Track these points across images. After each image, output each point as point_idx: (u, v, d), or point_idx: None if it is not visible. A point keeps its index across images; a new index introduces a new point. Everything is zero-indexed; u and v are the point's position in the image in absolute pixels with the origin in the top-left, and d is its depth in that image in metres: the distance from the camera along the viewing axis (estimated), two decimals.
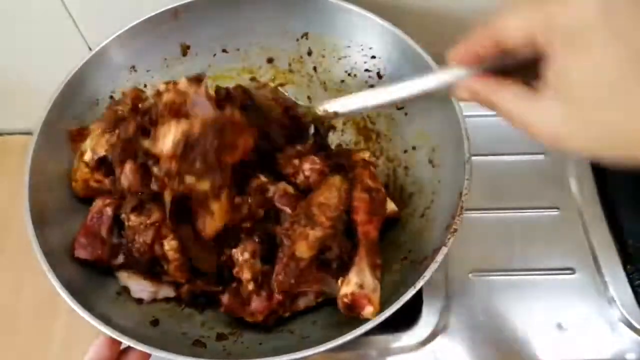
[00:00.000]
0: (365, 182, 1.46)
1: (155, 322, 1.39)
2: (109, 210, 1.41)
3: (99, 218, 1.41)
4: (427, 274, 1.26)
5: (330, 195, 1.40)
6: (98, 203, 1.43)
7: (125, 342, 1.21)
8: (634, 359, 1.58)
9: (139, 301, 1.44)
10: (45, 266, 1.26)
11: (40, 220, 1.34)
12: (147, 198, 1.36)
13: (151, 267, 1.41)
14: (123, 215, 1.38)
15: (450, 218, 1.35)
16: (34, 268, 1.27)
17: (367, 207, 1.43)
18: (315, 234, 1.33)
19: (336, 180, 1.43)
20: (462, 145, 1.40)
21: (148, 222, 1.35)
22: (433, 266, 1.27)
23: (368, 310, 1.30)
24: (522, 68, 1.00)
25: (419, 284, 1.25)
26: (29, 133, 1.43)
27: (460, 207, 1.33)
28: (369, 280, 1.35)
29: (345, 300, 1.32)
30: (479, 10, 1.73)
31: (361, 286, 1.33)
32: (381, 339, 1.61)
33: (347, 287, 1.33)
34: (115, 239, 1.41)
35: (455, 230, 1.31)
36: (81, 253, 1.39)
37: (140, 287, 1.44)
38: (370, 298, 1.31)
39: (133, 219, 1.36)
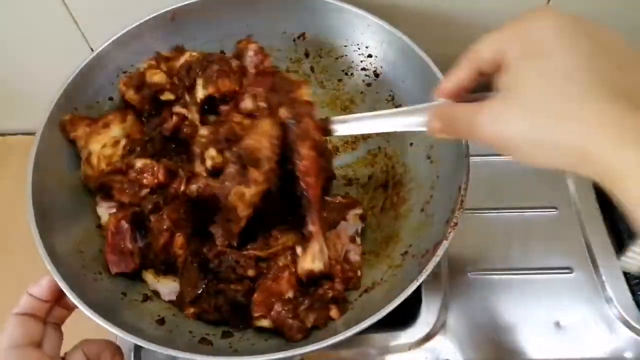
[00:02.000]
0: (312, 136, 1.33)
1: (161, 321, 1.39)
2: (124, 224, 1.45)
3: (118, 233, 1.45)
4: (429, 268, 1.26)
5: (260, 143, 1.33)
6: (112, 220, 1.46)
7: (132, 340, 1.21)
8: (631, 357, 1.58)
9: (146, 298, 1.45)
10: (49, 266, 1.26)
11: (43, 221, 1.35)
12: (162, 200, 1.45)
13: (168, 263, 1.46)
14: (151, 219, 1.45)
15: (450, 212, 1.35)
16: (36, 268, 1.27)
17: (316, 167, 1.33)
18: (250, 191, 1.32)
19: (266, 124, 1.35)
20: (460, 141, 1.40)
21: (165, 222, 1.43)
22: (434, 260, 1.27)
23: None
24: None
25: (421, 277, 1.25)
26: (31, 133, 1.44)
27: (461, 201, 1.34)
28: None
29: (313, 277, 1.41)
30: (474, 8, 1.75)
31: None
32: (380, 337, 1.61)
33: (312, 265, 1.39)
34: (140, 243, 1.45)
35: (456, 224, 1.31)
36: (115, 269, 1.44)
37: (168, 290, 1.47)
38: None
39: (152, 220, 1.44)
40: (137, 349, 1.61)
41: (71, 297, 1.23)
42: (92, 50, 1.59)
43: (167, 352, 1.21)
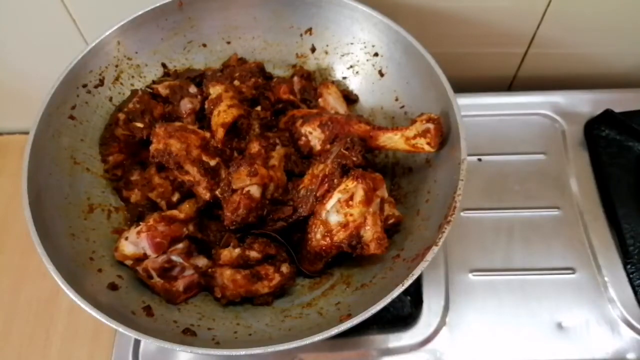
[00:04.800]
0: None
1: (147, 309, 1.41)
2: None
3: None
4: (416, 273, 1.27)
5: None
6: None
7: (114, 327, 1.23)
8: (634, 358, 1.58)
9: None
10: (48, 265, 1.28)
11: (40, 218, 1.36)
12: None
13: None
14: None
15: (443, 218, 1.35)
16: (34, 268, 1.29)
17: None
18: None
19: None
20: (458, 146, 1.40)
21: None
22: (423, 265, 1.27)
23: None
24: None
25: (407, 282, 1.26)
26: (28, 133, 1.43)
27: (453, 207, 1.34)
28: None
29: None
30: (474, 6, 1.75)
31: None
32: (382, 338, 1.62)
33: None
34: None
35: (446, 229, 1.31)
36: None
37: None
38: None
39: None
40: (137, 341, 1.64)
41: (69, 292, 1.26)
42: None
43: (148, 340, 1.23)
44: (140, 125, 1.58)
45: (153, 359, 1.62)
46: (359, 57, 1.72)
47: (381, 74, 1.70)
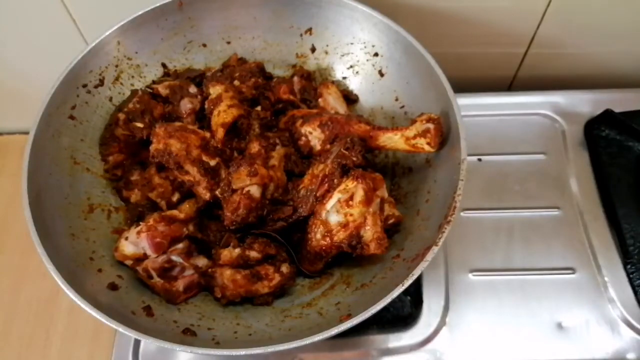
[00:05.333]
0: None
1: (147, 309, 1.41)
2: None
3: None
4: (416, 273, 1.26)
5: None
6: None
7: (114, 327, 1.23)
8: (634, 358, 1.58)
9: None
10: (48, 265, 1.28)
11: (39, 212, 1.37)
12: None
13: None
14: None
15: (443, 218, 1.35)
16: (34, 268, 1.28)
17: None
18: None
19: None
20: (458, 146, 1.40)
21: None
22: (423, 265, 1.27)
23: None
24: None
25: (407, 282, 1.25)
26: (28, 133, 1.44)
27: (453, 207, 1.33)
28: None
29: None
30: (475, 5, 1.74)
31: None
32: (382, 338, 1.62)
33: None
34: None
35: (446, 229, 1.31)
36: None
37: None
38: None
39: None
40: (137, 341, 1.64)
41: (69, 292, 1.26)
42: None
43: (148, 340, 1.24)
44: (140, 125, 1.58)
45: (153, 359, 1.62)
46: (359, 57, 1.72)
47: (381, 74, 1.70)
